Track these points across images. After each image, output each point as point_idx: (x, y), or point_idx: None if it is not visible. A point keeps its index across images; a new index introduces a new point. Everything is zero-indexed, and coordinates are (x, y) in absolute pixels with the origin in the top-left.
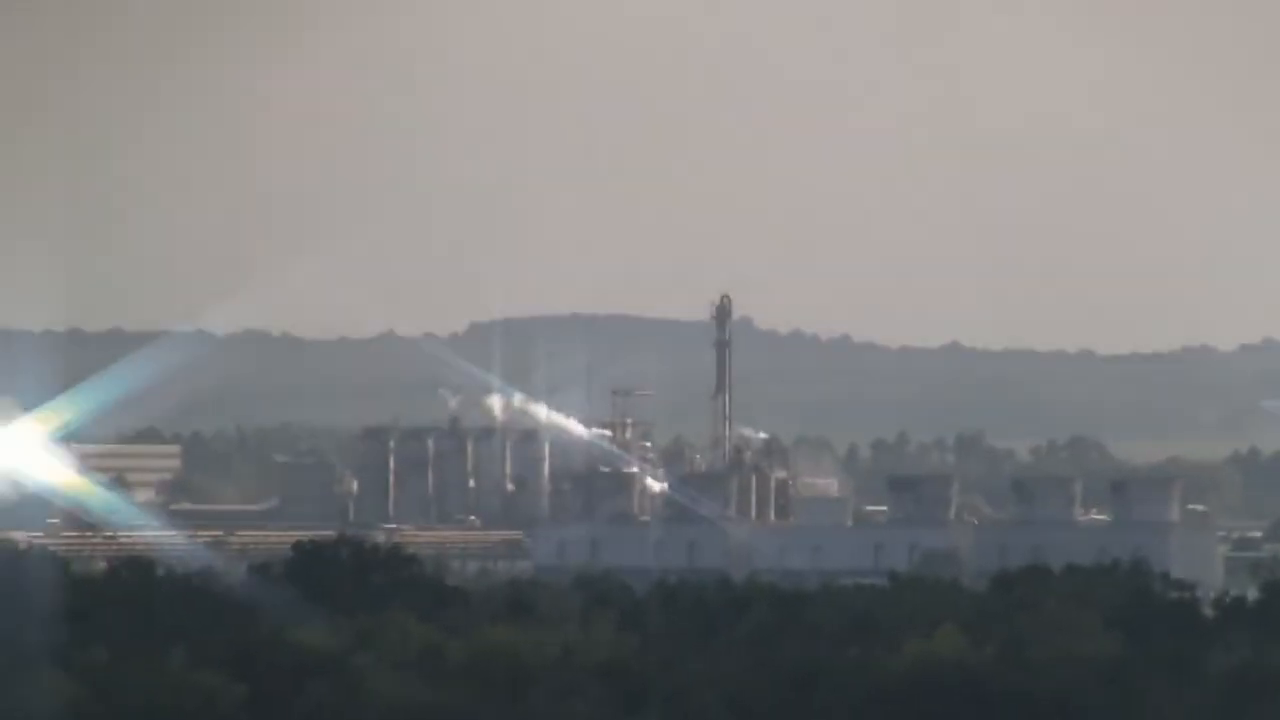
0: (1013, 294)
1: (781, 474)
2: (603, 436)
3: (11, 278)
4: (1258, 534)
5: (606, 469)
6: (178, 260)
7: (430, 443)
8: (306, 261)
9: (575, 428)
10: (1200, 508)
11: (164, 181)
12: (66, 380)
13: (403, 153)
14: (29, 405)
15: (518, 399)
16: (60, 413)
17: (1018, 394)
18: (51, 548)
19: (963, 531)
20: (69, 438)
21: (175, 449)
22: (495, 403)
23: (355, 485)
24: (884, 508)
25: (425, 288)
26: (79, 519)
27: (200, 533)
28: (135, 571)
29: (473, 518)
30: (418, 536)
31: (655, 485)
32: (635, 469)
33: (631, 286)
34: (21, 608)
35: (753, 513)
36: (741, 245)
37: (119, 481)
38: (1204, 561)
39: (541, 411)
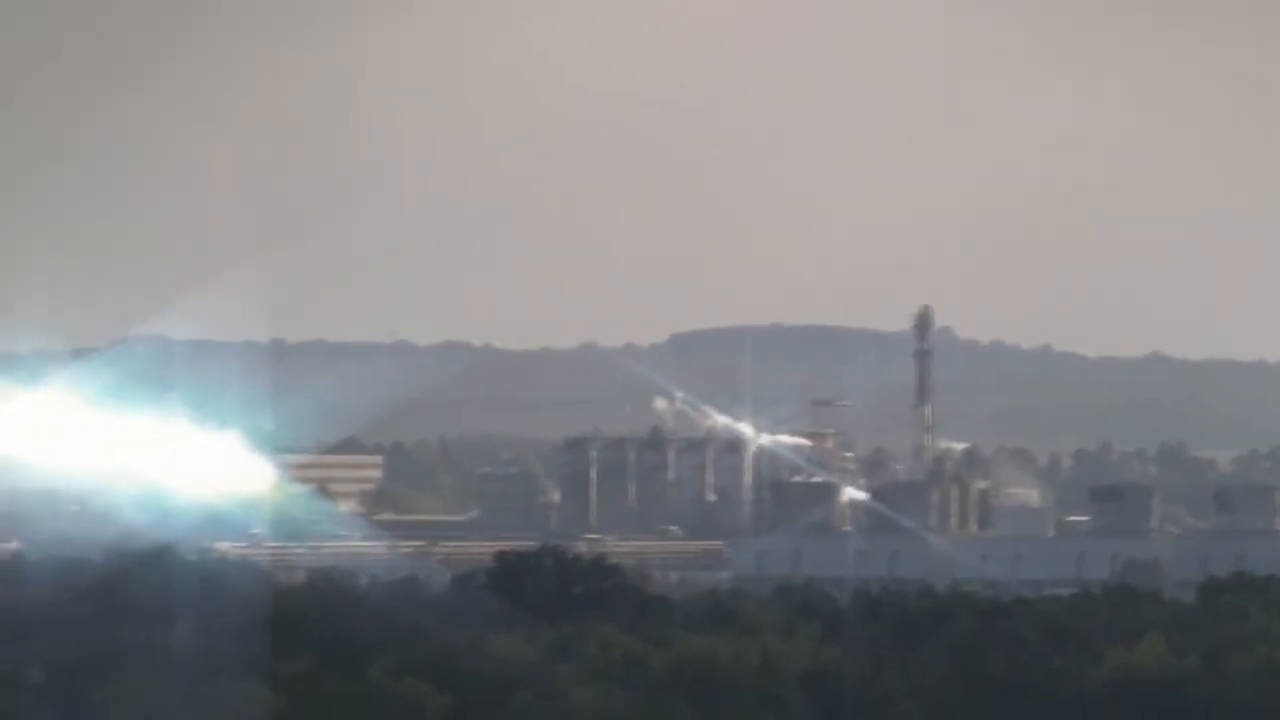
0: (1214, 303)
1: (982, 484)
2: (801, 447)
3: (215, 289)
4: None
5: (807, 479)
6: (380, 272)
7: (631, 453)
8: (509, 273)
9: (771, 439)
10: None
11: (363, 193)
12: (269, 391)
13: (605, 162)
14: (232, 417)
15: (712, 411)
16: (263, 424)
17: (1220, 404)
18: (255, 558)
19: (1164, 542)
20: (272, 448)
21: (377, 460)
22: (690, 413)
23: (557, 495)
24: (1085, 518)
25: (627, 299)
26: (282, 529)
27: (403, 543)
28: (338, 582)
29: (673, 527)
30: (619, 546)
31: (856, 495)
32: (836, 479)
33: (833, 297)
34: (225, 618)
35: (954, 523)
36: (943, 255)
37: (322, 492)
38: None
39: (740, 423)
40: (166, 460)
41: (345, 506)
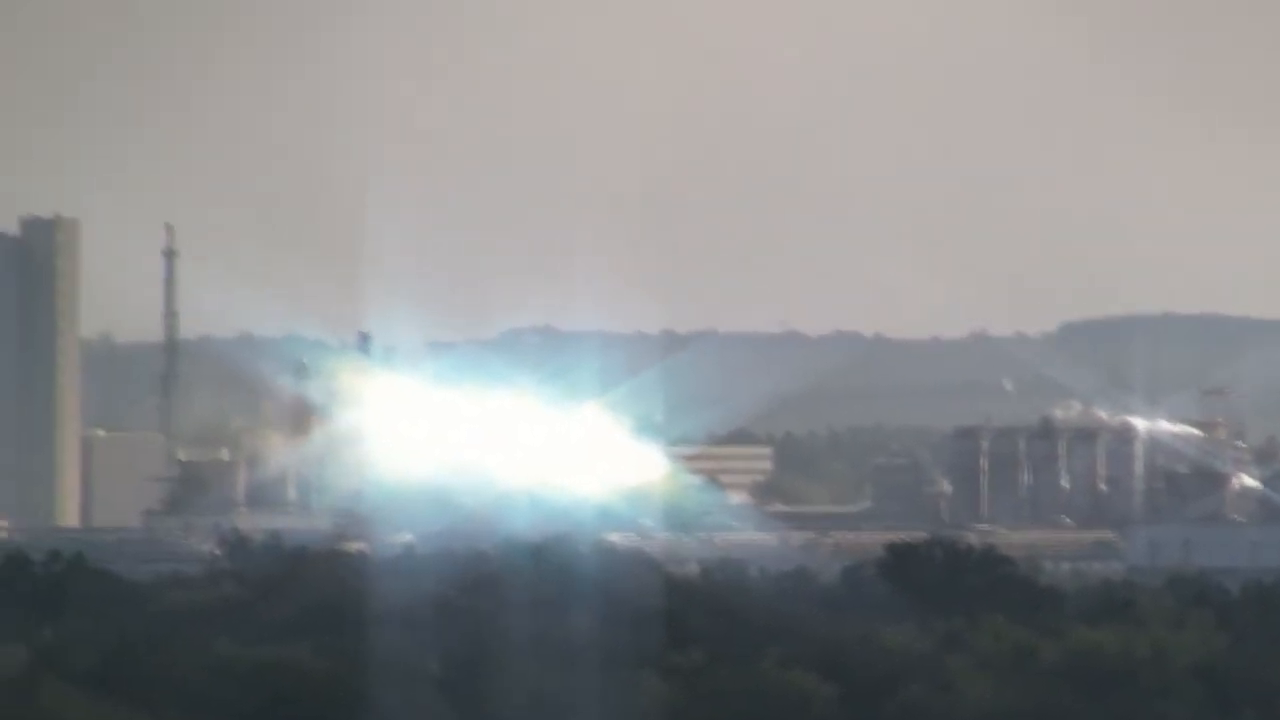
0: None
1: None
2: (1193, 436)
3: (606, 281)
4: None
5: (1199, 469)
6: (770, 262)
7: (1022, 443)
8: (899, 262)
9: (1162, 427)
10: None
11: (750, 182)
12: (660, 382)
13: (990, 150)
14: (623, 408)
15: (1102, 402)
16: (654, 415)
17: None
18: (646, 549)
19: None
20: (663, 439)
21: (767, 450)
22: (1083, 405)
23: (947, 485)
24: None
25: (1017, 287)
26: (673, 521)
27: (793, 534)
28: (729, 573)
29: (1065, 518)
30: (1010, 537)
31: (1248, 484)
32: (1228, 468)
33: (1225, 286)
34: (617, 610)
35: None
36: None
37: (713, 483)
38: None
39: (1131, 413)
40: (557, 452)
41: (736, 497)
